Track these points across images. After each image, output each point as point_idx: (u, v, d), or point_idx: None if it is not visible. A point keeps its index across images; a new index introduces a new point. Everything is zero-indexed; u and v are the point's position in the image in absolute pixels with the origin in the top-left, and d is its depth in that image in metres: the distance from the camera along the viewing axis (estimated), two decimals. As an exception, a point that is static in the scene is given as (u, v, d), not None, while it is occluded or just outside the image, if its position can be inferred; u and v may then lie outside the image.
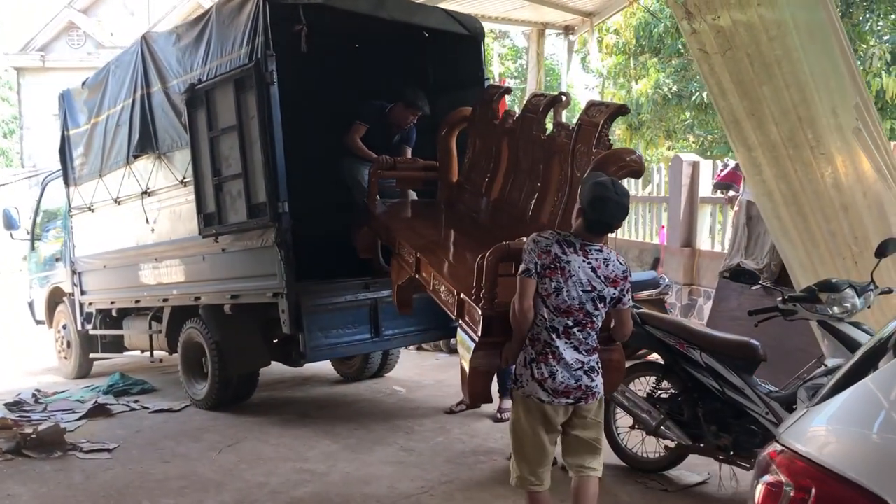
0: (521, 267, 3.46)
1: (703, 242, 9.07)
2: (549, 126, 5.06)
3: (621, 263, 3.55)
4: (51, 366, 9.52)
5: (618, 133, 18.29)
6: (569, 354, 3.45)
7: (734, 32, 3.60)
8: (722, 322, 7.11)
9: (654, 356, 5.75)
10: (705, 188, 9.08)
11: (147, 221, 7.18)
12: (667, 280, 8.60)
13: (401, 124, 6.57)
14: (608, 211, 3.42)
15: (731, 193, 8.53)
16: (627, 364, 5.17)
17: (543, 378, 3.44)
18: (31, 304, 9.96)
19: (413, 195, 6.63)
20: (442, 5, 9.28)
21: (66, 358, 9.15)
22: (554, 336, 3.45)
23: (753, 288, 5.34)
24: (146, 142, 6.96)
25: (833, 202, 4.20)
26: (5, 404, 7.20)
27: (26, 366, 9.76)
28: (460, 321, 4.10)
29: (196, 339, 6.84)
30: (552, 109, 5.02)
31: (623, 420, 5.10)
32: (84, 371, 8.95)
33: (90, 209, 8.11)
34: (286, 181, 5.67)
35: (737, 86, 3.70)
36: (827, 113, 3.88)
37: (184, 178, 6.54)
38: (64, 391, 7.94)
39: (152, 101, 6.91)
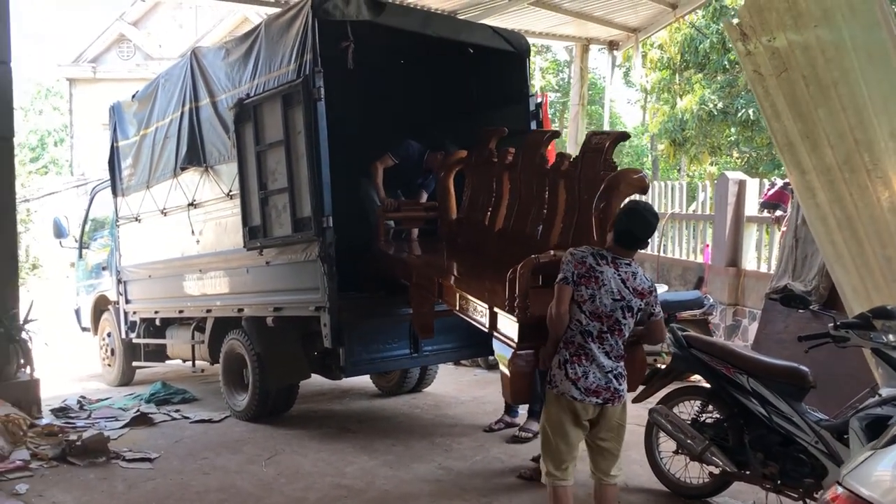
0: (559, 276, 3.84)
1: (749, 262, 8.92)
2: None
3: (647, 279, 3.94)
4: (95, 372, 9.66)
5: (661, 148, 18.15)
6: (601, 358, 3.81)
7: (790, 54, 3.53)
8: (768, 345, 6.97)
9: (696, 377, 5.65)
10: (751, 207, 8.93)
11: (192, 233, 7.26)
12: (711, 300, 8.46)
13: (434, 170, 6.85)
14: (634, 221, 3.86)
15: (779, 213, 8.37)
16: (672, 388, 5.12)
17: (577, 377, 3.79)
18: (77, 311, 10.14)
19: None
20: (487, 21, 9.36)
21: (109, 365, 9.29)
22: (588, 339, 3.82)
23: (801, 311, 5.23)
24: (193, 154, 7.06)
25: (889, 227, 4.09)
26: (52, 410, 7.33)
27: (72, 372, 9.92)
28: (494, 333, 4.45)
29: (238, 351, 6.89)
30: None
31: (666, 444, 5.01)
32: (127, 379, 9.08)
33: (137, 219, 8.24)
34: (331, 196, 5.70)
35: (791, 108, 3.63)
36: (885, 136, 3.78)
37: (230, 191, 6.61)
38: (107, 398, 8.05)
39: (200, 114, 7.01)
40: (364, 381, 8.00)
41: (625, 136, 4.87)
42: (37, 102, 32.80)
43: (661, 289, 9.04)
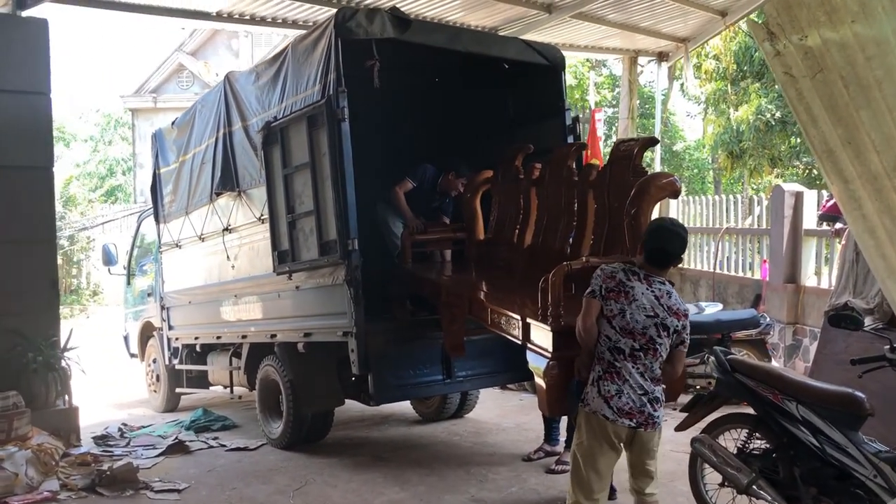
0: (588, 289, 3.79)
1: (809, 278, 8.44)
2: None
3: (682, 302, 3.89)
4: (143, 398, 9.71)
5: (719, 161, 17.60)
6: (635, 377, 3.69)
7: (825, 53, 3.21)
8: (827, 366, 6.53)
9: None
10: (810, 220, 8.47)
11: (228, 258, 7.22)
12: (768, 319, 8.02)
13: (448, 192, 6.97)
14: (663, 237, 3.83)
15: (839, 225, 7.90)
16: (716, 415, 4.79)
17: (610, 395, 3.69)
18: (125, 338, 10.24)
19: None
20: (529, 35, 9.16)
21: (155, 391, 9.33)
22: (619, 356, 3.71)
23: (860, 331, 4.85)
24: (227, 179, 7.02)
25: (949, 238, 3.70)
26: (93, 437, 7.35)
27: (119, 398, 10.00)
28: (528, 345, 4.35)
29: (272, 377, 6.79)
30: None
31: (712, 476, 4.67)
32: (172, 405, 9.09)
33: (178, 246, 8.26)
34: (357, 218, 5.56)
35: (829, 112, 3.30)
36: (938, 138, 3.42)
37: (261, 215, 6.55)
38: (150, 425, 8.04)
39: (234, 139, 6.98)
40: (404, 406, 7.80)
41: (653, 142, 4.92)
42: (106, 133, 33.88)
43: (716, 307, 8.65)
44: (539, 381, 4.21)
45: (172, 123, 8.46)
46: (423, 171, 6.88)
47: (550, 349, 4.07)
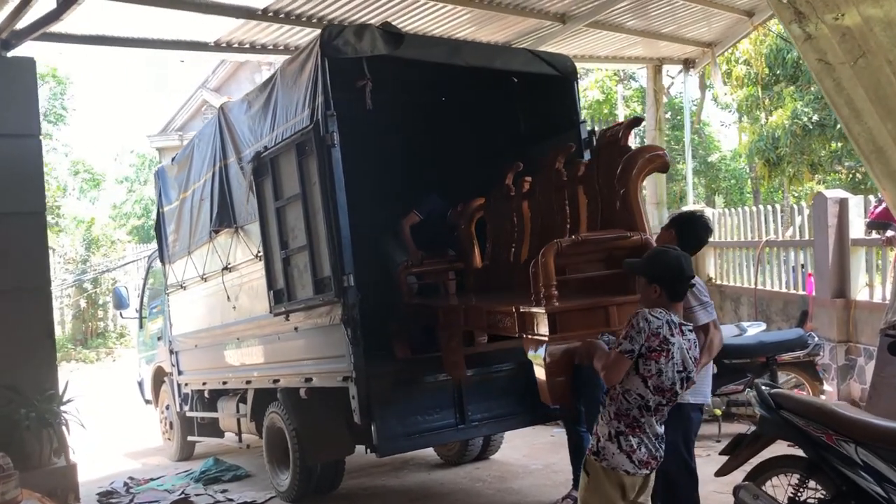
0: (625, 344, 3.39)
1: (859, 292, 7.75)
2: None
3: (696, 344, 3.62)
4: (159, 446, 9.33)
5: (756, 170, 16.89)
6: (653, 429, 3.50)
7: (867, 33, 2.68)
8: (887, 391, 5.89)
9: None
10: (857, 228, 7.80)
11: (228, 299, 6.81)
12: (816, 338, 7.36)
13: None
14: (683, 266, 3.50)
15: (890, 233, 7.25)
16: (761, 458, 4.20)
17: (632, 450, 3.46)
18: (140, 383, 9.89)
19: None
20: (545, 47, 8.69)
21: (169, 439, 8.94)
22: (646, 412, 3.46)
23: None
24: (224, 215, 6.64)
25: None
26: (98, 493, 6.99)
27: (135, 446, 9.62)
28: (524, 336, 4.10)
29: (278, 425, 6.33)
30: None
31: (759, 530, 4.06)
32: (186, 453, 8.68)
33: (182, 287, 7.88)
34: (353, 252, 5.10)
35: (875, 103, 2.76)
36: None
37: (258, 251, 6.12)
38: (159, 477, 7.65)
39: (229, 172, 6.60)
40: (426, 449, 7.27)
41: (637, 121, 4.89)
42: (141, 173, 34.12)
43: (759, 327, 8.00)
44: (538, 371, 3.91)
45: (172, 160, 8.14)
46: (430, 204, 6.51)
47: (546, 332, 3.83)
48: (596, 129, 6.60)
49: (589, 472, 3.54)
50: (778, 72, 14.17)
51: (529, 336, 4.04)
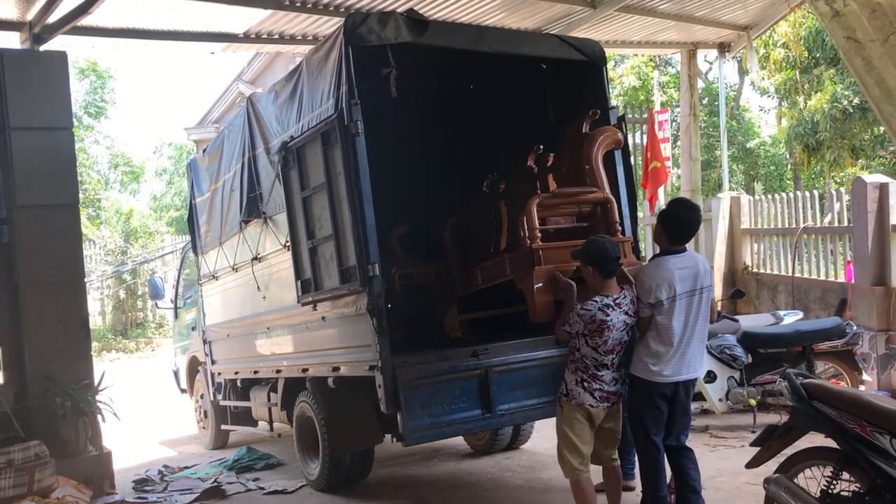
0: (566, 326, 4.59)
1: (901, 279, 7.55)
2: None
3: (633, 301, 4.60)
4: (195, 434, 9.44)
5: (795, 156, 16.53)
6: (609, 375, 4.55)
7: (898, 9, 2.58)
8: (929, 381, 5.71)
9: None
10: (898, 213, 7.58)
11: (258, 289, 6.84)
12: (855, 326, 7.19)
13: None
14: (605, 251, 4.53)
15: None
16: (792, 450, 4.10)
17: (593, 390, 4.54)
18: (175, 373, 10.00)
19: None
20: (575, 33, 8.57)
21: (204, 428, 9.02)
22: (602, 367, 4.53)
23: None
24: (253, 206, 6.66)
25: None
26: (133, 481, 7.09)
27: (173, 434, 9.76)
28: (514, 277, 5.20)
29: (308, 414, 6.35)
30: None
31: (791, 522, 3.97)
32: (221, 442, 8.76)
33: (215, 277, 7.94)
34: (377, 241, 5.09)
35: (909, 82, 2.67)
36: None
37: (286, 241, 6.13)
38: (193, 465, 7.73)
39: (258, 163, 6.62)
40: (456, 438, 7.24)
41: (596, 113, 5.55)
42: (179, 165, 34.60)
43: (796, 316, 7.84)
44: (528, 294, 4.94)
45: (203, 151, 8.19)
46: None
47: (532, 263, 4.94)
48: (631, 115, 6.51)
49: (563, 407, 4.64)
50: (817, 54, 13.84)
51: (519, 278, 5.04)
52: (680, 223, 4.69)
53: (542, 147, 5.51)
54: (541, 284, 4.86)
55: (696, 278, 4.60)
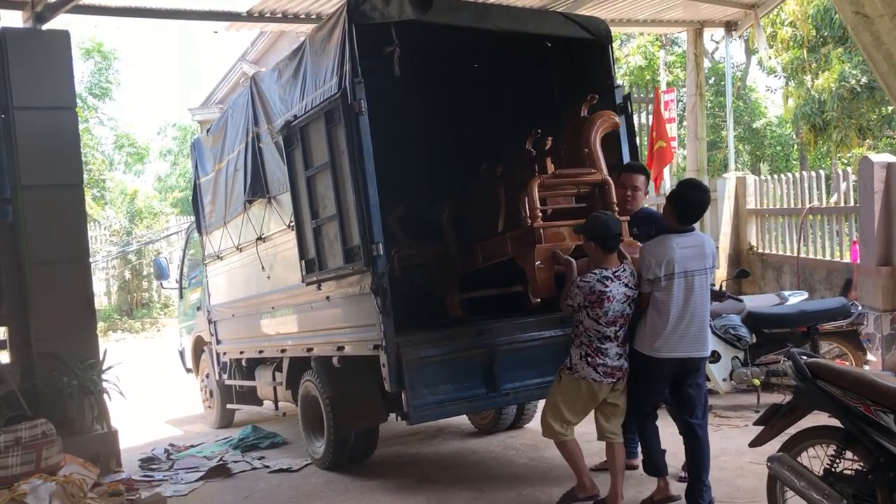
0: (569, 300, 4.69)
1: (907, 259, 7.51)
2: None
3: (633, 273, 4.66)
4: (200, 413, 9.50)
5: (802, 136, 16.43)
6: (613, 350, 4.60)
7: (908, -16, 2.54)
8: (933, 361, 5.70)
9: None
10: (905, 193, 7.53)
11: (263, 268, 6.86)
12: (860, 307, 7.17)
13: None
14: (607, 227, 4.64)
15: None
16: (795, 429, 4.10)
17: (596, 365, 4.60)
18: (181, 353, 10.03)
19: None
20: (582, 11, 8.50)
21: (210, 407, 9.08)
22: (605, 340, 4.60)
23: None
24: (257, 186, 6.66)
25: None
26: (140, 460, 7.14)
27: (179, 413, 9.82)
28: (515, 256, 5.26)
29: (312, 394, 6.38)
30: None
31: (794, 501, 3.99)
32: (226, 421, 8.81)
33: (219, 257, 7.96)
34: (381, 221, 5.09)
35: (918, 58, 2.62)
36: None
37: (290, 221, 6.14)
38: (199, 444, 7.78)
39: (261, 142, 6.60)
40: (460, 417, 7.27)
41: (593, 98, 5.52)
42: (183, 146, 34.60)
43: (801, 296, 7.82)
44: (529, 271, 5.04)
45: (207, 131, 8.18)
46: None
47: (534, 242, 4.99)
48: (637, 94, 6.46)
49: (562, 377, 4.73)
50: (825, 33, 13.71)
51: (520, 260, 5.13)
52: (690, 204, 4.70)
53: (539, 131, 5.46)
54: (541, 262, 4.97)
55: (700, 259, 4.60)
